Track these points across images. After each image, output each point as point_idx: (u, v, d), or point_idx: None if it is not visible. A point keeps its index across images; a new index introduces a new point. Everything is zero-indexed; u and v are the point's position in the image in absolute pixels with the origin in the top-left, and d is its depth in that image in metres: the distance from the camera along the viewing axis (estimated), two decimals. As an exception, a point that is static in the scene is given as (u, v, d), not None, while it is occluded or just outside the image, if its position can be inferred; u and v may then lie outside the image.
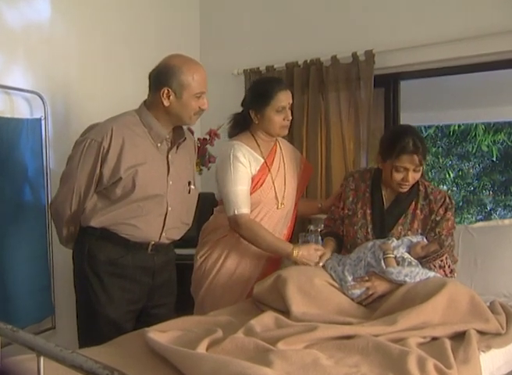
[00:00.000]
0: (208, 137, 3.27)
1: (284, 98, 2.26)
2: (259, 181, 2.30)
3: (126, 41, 3.24)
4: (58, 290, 2.87)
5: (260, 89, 2.32)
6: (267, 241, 2.21)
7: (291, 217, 2.45)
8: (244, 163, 2.25)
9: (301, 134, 3.24)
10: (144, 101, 2.08)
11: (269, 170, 2.32)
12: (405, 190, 2.16)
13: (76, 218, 2.05)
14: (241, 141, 2.31)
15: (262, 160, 2.32)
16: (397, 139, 2.10)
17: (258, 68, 3.41)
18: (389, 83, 3.10)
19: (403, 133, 2.12)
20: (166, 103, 1.98)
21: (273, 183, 2.32)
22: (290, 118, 2.30)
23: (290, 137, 3.22)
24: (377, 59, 2.93)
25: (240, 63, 3.50)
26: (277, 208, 2.33)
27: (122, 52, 3.20)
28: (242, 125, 2.36)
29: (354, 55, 2.99)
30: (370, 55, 2.94)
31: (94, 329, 2.05)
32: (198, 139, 3.29)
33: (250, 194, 2.28)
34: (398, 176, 2.11)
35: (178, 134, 2.12)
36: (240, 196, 2.22)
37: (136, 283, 2.08)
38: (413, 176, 2.11)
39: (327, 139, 3.16)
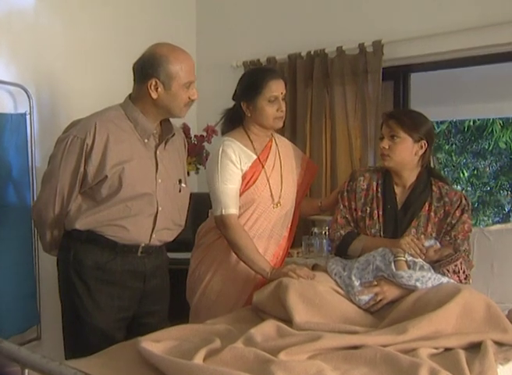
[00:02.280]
0: (204, 133, 3.28)
1: (276, 88, 2.28)
2: (252, 178, 2.31)
3: (116, 29, 3.24)
4: (44, 298, 2.87)
5: (250, 79, 2.35)
6: (248, 250, 2.22)
7: (291, 218, 2.46)
8: (234, 160, 2.27)
9: (305, 131, 3.25)
10: (129, 95, 2.09)
11: (263, 167, 2.34)
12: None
13: (60, 221, 2.06)
14: (233, 137, 2.34)
15: (255, 157, 2.33)
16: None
17: (259, 60, 3.41)
18: (398, 76, 3.11)
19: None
20: (154, 95, 1.99)
21: (268, 180, 2.33)
22: (284, 109, 2.31)
23: (293, 134, 3.23)
24: (386, 50, 2.94)
25: (239, 55, 3.51)
26: (273, 207, 2.34)
27: (113, 42, 3.21)
28: (234, 120, 2.38)
29: (361, 46, 3.00)
30: (378, 45, 2.95)
31: (80, 339, 2.05)
32: (195, 136, 3.30)
33: (243, 191, 2.30)
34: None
35: (166, 129, 2.13)
36: (229, 195, 2.24)
37: (125, 289, 2.08)
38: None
39: (332, 136, 3.17)
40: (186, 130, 3.23)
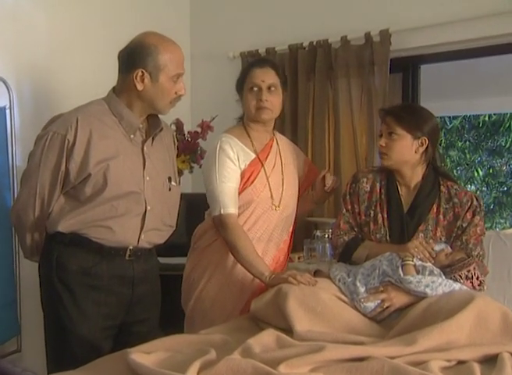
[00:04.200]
0: (199, 129, 3.28)
1: (257, 75, 2.31)
2: (250, 176, 2.33)
3: (103, 17, 3.25)
4: (25, 306, 2.87)
5: (243, 68, 2.43)
6: (247, 252, 2.23)
7: (293, 221, 2.47)
8: (232, 157, 2.30)
9: (306, 127, 3.25)
10: (113, 88, 2.10)
11: (262, 166, 2.36)
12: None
13: (41, 224, 2.07)
14: (231, 134, 2.37)
15: (254, 156, 2.36)
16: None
17: (257, 50, 3.42)
18: (407, 68, 3.12)
19: None
20: (140, 87, 2.00)
21: (267, 180, 2.35)
22: (268, 99, 2.30)
23: (294, 130, 3.24)
24: (393, 40, 2.95)
25: (237, 45, 3.52)
26: (274, 209, 2.35)
27: (100, 31, 3.21)
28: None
29: (367, 36, 3.01)
30: (385, 35, 2.95)
31: (64, 350, 2.06)
32: (189, 132, 3.30)
33: (241, 191, 2.32)
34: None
35: (153, 124, 2.15)
36: (228, 194, 2.27)
37: (112, 295, 2.08)
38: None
39: (336, 132, 3.18)
40: (179, 125, 3.24)
